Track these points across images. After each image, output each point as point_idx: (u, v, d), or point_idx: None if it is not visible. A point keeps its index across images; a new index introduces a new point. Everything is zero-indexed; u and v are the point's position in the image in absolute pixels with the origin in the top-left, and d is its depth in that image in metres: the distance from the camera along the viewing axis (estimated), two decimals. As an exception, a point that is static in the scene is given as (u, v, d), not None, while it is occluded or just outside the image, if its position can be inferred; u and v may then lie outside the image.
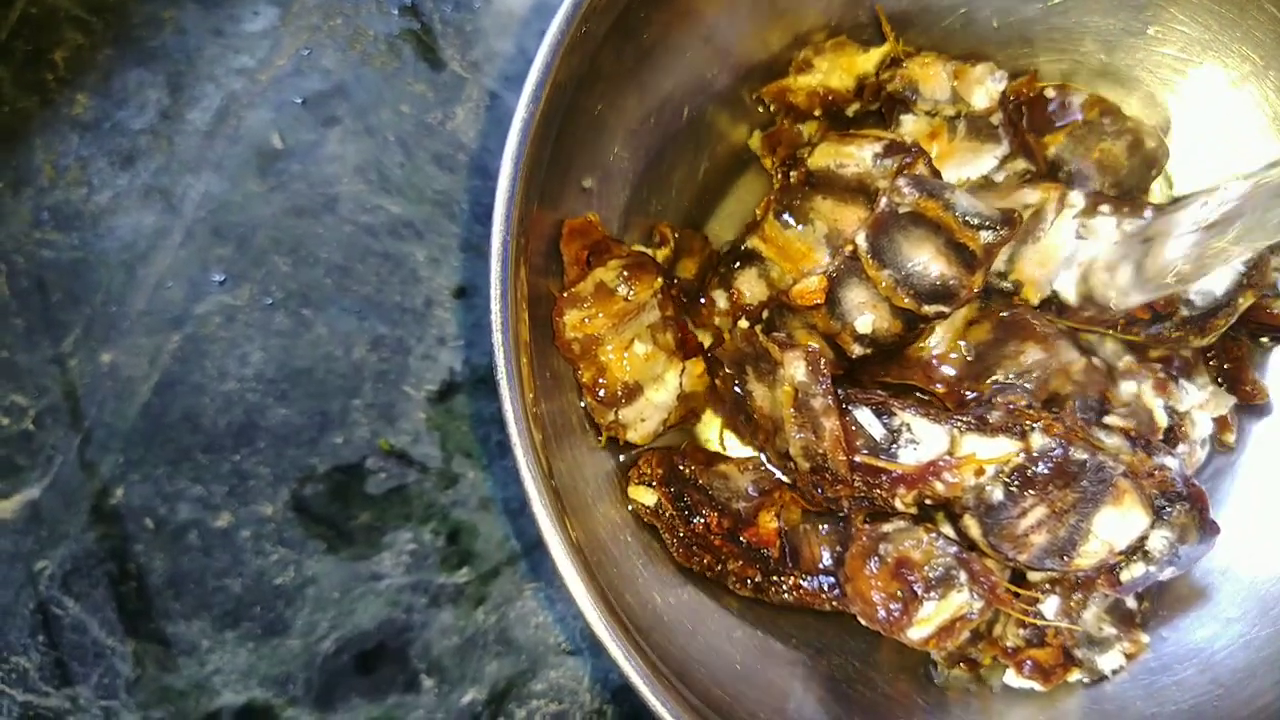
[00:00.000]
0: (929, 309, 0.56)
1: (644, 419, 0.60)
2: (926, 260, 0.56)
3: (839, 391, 0.58)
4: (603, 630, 0.45)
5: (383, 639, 0.64)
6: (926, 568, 0.56)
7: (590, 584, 0.46)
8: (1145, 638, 0.59)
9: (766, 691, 0.57)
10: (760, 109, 0.64)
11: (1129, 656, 0.59)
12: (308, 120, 0.68)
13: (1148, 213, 0.56)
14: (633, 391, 0.59)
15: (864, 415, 0.57)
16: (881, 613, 0.57)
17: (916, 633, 0.56)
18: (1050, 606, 0.57)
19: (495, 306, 0.46)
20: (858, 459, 0.57)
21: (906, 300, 0.56)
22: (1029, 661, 0.57)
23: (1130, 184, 0.60)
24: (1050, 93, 0.62)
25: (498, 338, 0.46)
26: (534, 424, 0.49)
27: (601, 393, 0.58)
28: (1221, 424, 0.61)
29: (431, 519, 0.65)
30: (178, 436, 0.65)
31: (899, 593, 0.56)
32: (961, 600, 0.55)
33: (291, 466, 0.65)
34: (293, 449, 0.65)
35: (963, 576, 0.55)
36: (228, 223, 0.67)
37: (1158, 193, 0.62)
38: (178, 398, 0.65)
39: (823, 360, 0.58)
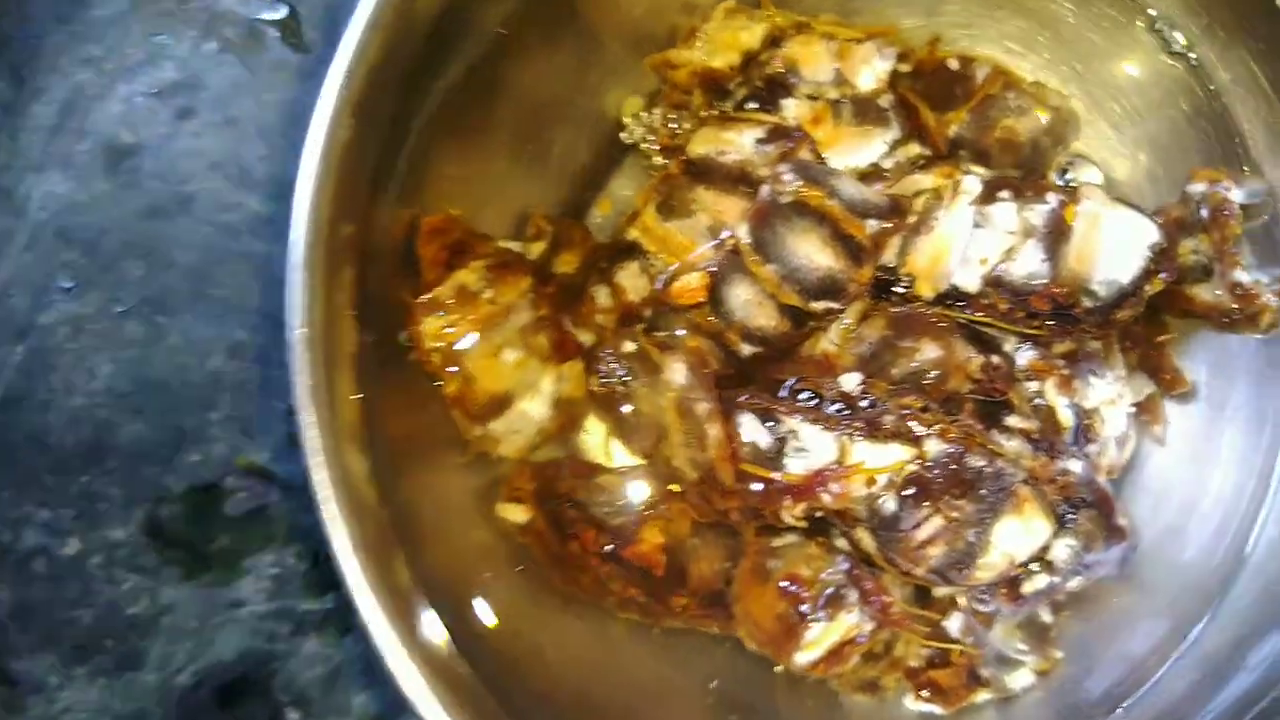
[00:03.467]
0: (817, 305, 0.52)
1: (516, 431, 0.55)
2: (812, 253, 0.52)
3: (724, 395, 0.54)
4: (414, 689, 0.41)
5: (244, 670, 0.60)
6: (817, 587, 0.52)
7: (407, 637, 0.41)
8: (1058, 653, 0.55)
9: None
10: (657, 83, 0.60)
11: (1041, 673, 0.55)
12: (161, 113, 0.63)
13: (1051, 197, 0.52)
14: (503, 402, 0.55)
15: (748, 422, 0.53)
16: (768, 635, 0.52)
17: (804, 657, 0.52)
18: (955, 623, 0.53)
19: (296, 302, 0.41)
20: (742, 467, 0.53)
21: (793, 296, 0.52)
22: (930, 683, 0.53)
23: (1034, 163, 0.56)
24: (953, 63, 0.58)
25: (298, 353, 0.41)
26: (362, 450, 0.45)
27: (468, 406, 0.54)
28: (1152, 415, 0.57)
29: (295, 541, 0.61)
30: (22, 457, 0.60)
31: (787, 613, 0.52)
32: (851, 621, 0.51)
33: (145, 487, 0.61)
34: (146, 468, 0.61)
35: (853, 596, 0.51)
36: (75, 225, 0.62)
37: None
38: (22, 415, 0.61)
39: (707, 363, 0.54)
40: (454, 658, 0.44)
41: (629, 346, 0.55)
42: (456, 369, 0.53)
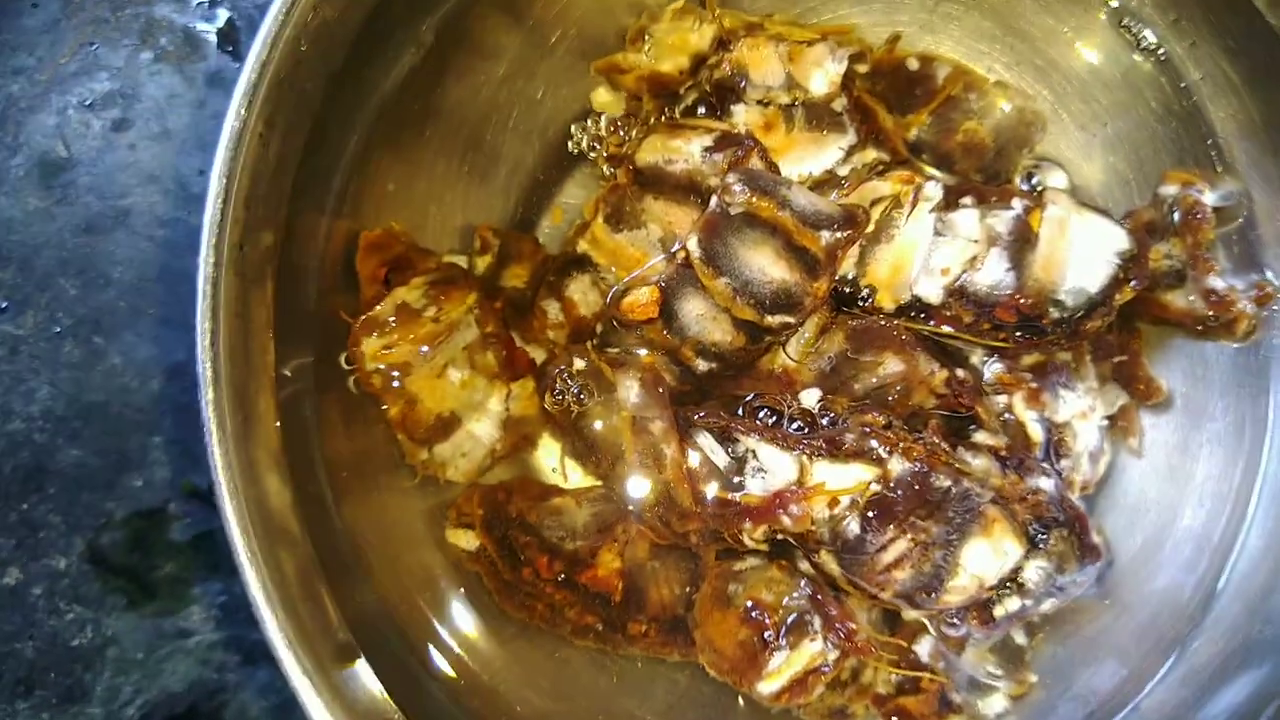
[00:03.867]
0: (772, 320, 0.50)
1: (464, 454, 0.53)
2: (765, 265, 0.49)
3: (679, 414, 0.51)
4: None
5: (194, 701, 0.58)
6: (780, 613, 0.50)
7: (322, 681, 0.39)
8: (1033, 677, 0.53)
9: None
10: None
11: (1015, 698, 0.53)
12: (95, 125, 0.61)
13: (1016, 203, 0.50)
14: (449, 424, 0.53)
15: (705, 441, 0.51)
16: (730, 663, 0.50)
17: (767, 687, 0.49)
18: (924, 648, 0.51)
19: (202, 325, 0.39)
20: (700, 489, 0.50)
21: (747, 310, 0.49)
22: (899, 710, 0.51)
23: (998, 168, 0.54)
24: (913, 63, 0.55)
25: (205, 377, 0.39)
26: (285, 478, 0.43)
27: (413, 429, 0.52)
28: (1127, 427, 0.55)
29: (243, 567, 0.58)
30: (-42, 485, 0.58)
31: (749, 640, 0.50)
32: (815, 650, 0.49)
33: (86, 514, 0.58)
34: (87, 494, 0.58)
35: (817, 623, 0.49)
36: (8, 243, 0.60)
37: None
38: (-43, 441, 0.58)
39: (661, 380, 0.52)
40: (384, 704, 0.42)
41: (580, 364, 0.53)
42: (399, 390, 0.51)
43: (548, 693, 0.53)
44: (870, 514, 0.48)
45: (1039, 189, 0.54)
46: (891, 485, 0.48)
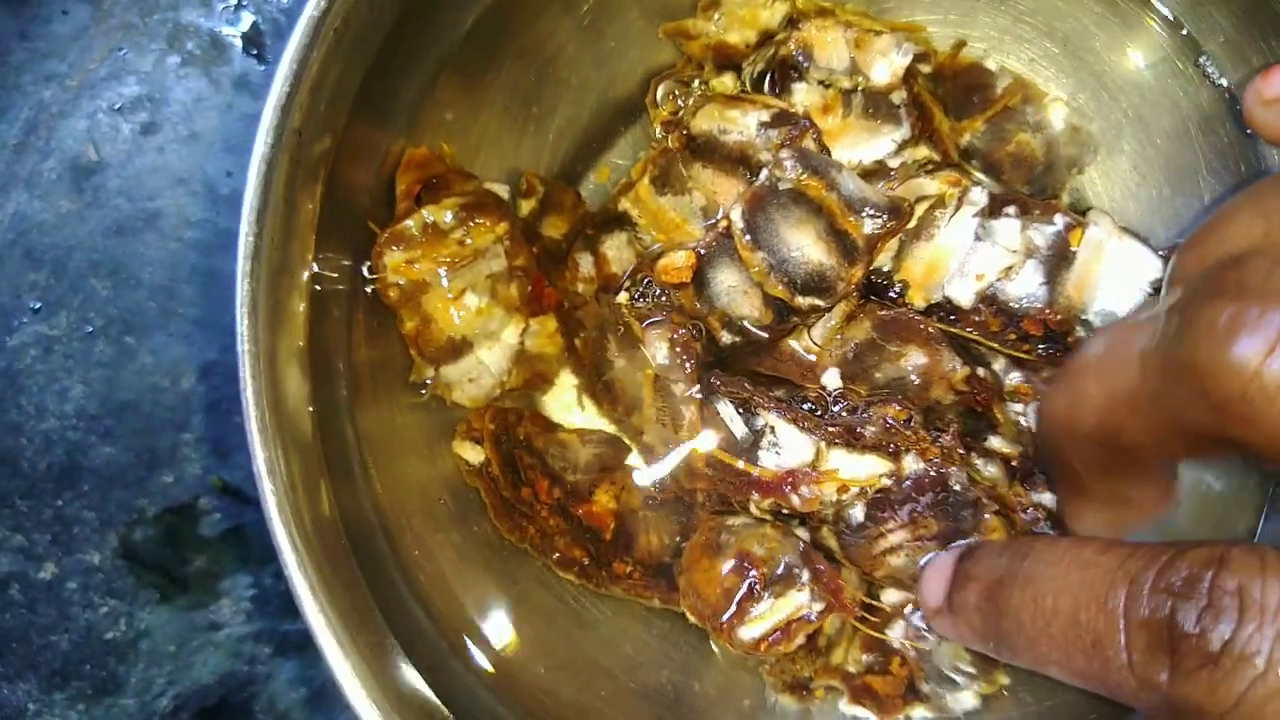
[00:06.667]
0: (802, 301, 0.50)
1: (472, 379, 0.53)
2: (805, 245, 0.49)
3: (704, 380, 0.52)
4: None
5: (224, 694, 0.59)
6: (768, 565, 0.50)
7: (319, 574, 0.41)
8: (1005, 679, 0.53)
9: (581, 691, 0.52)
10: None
11: (986, 697, 0.53)
12: (125, 129, 0.62)
13: (1058, 219, 0.50)
14: (459, 348, 0.52)
15: (726, 409, 0.51)
16: (712, 608, 0.51)
17: (748, 632, 0.50)
18: (897, 631, 0.51)
19: (245, 226, 0.40)
20: (714, 455, 0.51)
21: (779, 288, 0.50)
22: (865, 688, 0.52)
23: (1045, 183, 0.54)
24: (975, 69, 0.56)
25: (243, 268, 0.40)
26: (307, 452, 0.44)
27: (424, 346, 0.52)
28: None
29: (272, 560, 0.59)
30: (-5, 481, 0.60)
31: (734, 587, 0.50)
32: (801, 601, 0.49)
33: (119, 510, 0.60)
34: (119, 490, 0.60)
35: (805, 575, 0.50)
36: (41, 245, 0.61)
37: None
38: (-7, 439, 0.60)
39: (690, 345, 0.53)
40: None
41: (613, 314, 0.53)
42: (415, 306, 0.51)
43: (529, 623, 0.53)
44: (876, 505, 0.49)
45: (1086, 210, 0.54)
46: (903, 481, 0.49)
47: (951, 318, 0.51)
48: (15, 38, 0.62)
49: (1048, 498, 0.48)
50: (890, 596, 0.51)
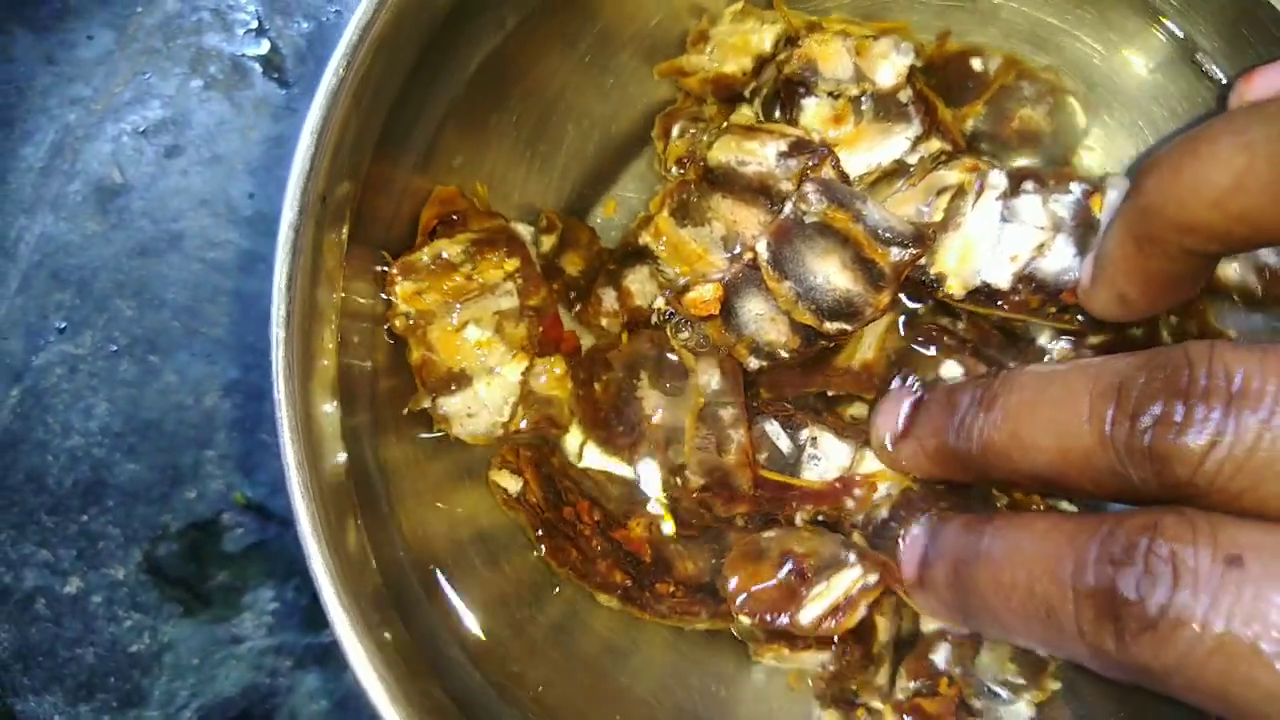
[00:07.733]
0: (830, 326, 0.51)
1: (470, 414, 0.53)
2: (831, 274, 0.51)
3: (748, 404, 0.53)
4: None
5: (247, 706, 0.60)
6: (813, 557, 0.51)
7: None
8: (1055, 684, 0.54)
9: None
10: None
11: (1039, 704, 0.54)
12: (148, 151, 0.63)
13: (1074, 186, 0.51)
14: (459, 380, 0.53)
15: (772, 428, 0.53)
16: (767, 602, 0.52)
17: (810, 613, 0.50)
18: (941, 654, 0.52)
19: (282, 253, 0.42)
20: (762, 474, 0.52)
21: (807, 315, 0.51)
22: (916, 709, 0.53)
23: (1055, 153, 0.55)
24: (964, 56, 0.57)
25: (279, 292, 0.41)
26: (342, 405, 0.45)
27: (426, 376, 0.52)
28: None
29: (294, 575, 0.61)
30: (21, 498, 0.61)
31: (787, 580, 0.51)
32: (854, 575, 0.50)
33: (143, 526, 0.61)
34: (143, 507, 0.61)
35: (851, 556, 0.51)
36: (67, 266, 0.62)
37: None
38: (19, 457, 0.61)
39: (738, 370, 0.54)
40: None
41: (653, 348, 0.54)
42: (421, 336, 0.52)
43: (567, 652, 0.54)
44: (900, 505, 0.50)
45: (1103, 178, 0.55)
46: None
47: (997, 302, 0.52)
48: (41, 62, 0.64)
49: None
50: (929, 625, 0.52)
